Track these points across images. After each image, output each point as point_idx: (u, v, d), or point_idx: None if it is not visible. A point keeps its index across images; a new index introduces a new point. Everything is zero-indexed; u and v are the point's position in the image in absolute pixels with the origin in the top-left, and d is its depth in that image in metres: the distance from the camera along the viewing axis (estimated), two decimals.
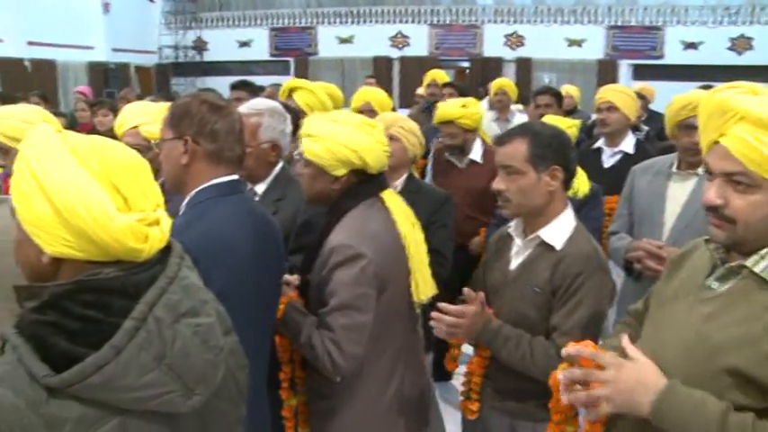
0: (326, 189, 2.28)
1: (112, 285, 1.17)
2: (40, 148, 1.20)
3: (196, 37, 20.41)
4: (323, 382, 2.29)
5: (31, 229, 1.18)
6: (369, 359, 2.23)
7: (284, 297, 2.25)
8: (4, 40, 15.34)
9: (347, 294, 2.12)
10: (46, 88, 12.73)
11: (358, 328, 2.13)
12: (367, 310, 2.15)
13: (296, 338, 2.22)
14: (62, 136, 1.24)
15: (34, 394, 1.08)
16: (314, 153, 2.23)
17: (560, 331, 2.13)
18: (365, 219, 2.24)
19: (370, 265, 2.13)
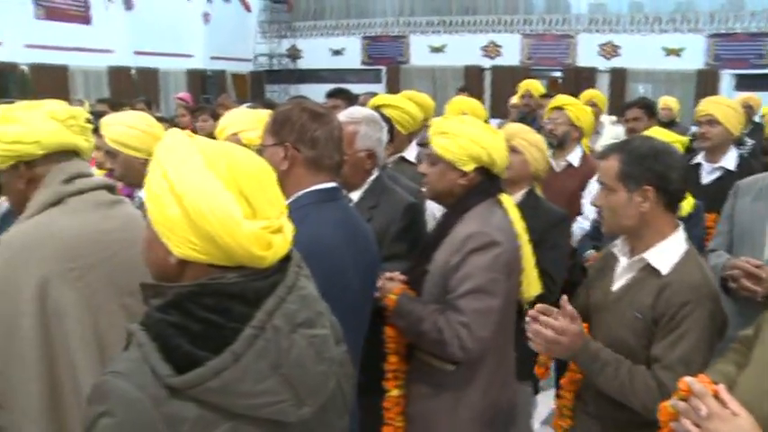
0: (453, 185, 2.40)
1: (233, 291, 1.20)
2: (174, 152, 1.24)
3: (290, 45, 20.87)
4: (433, 375, 2.38)
5: (160, 230, 1.23)
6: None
7: (395, 289, 2.36)
8: (114, 51, 16.15)
9: (482, 278, 2.23)
10: (149, 95, 13.28)
11: (489, 312, 2.22)
12: (498, 295, 2.26)
13: (415, 326, 2.31)
14: (195, 141, 1.28)
15: (156, 392, 1.12)
16: (445, 148, 2.37)
17: (662, 364, 2.00)
18: (491, 213, 2.38)
19: (504, 252, 2.27)
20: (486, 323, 2.22)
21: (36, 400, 1.81)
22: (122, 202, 2.07)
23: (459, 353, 2.23)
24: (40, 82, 14.40)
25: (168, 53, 17.48)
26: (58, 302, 1.80)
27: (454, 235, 2.32)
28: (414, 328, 2.32)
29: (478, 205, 2.38)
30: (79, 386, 1.82)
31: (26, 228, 1.87)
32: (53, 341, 1.81)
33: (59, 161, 1.93)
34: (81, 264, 1.84)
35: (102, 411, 1.13)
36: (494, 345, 2.34)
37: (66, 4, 15.50)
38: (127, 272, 1.90)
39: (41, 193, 1.91)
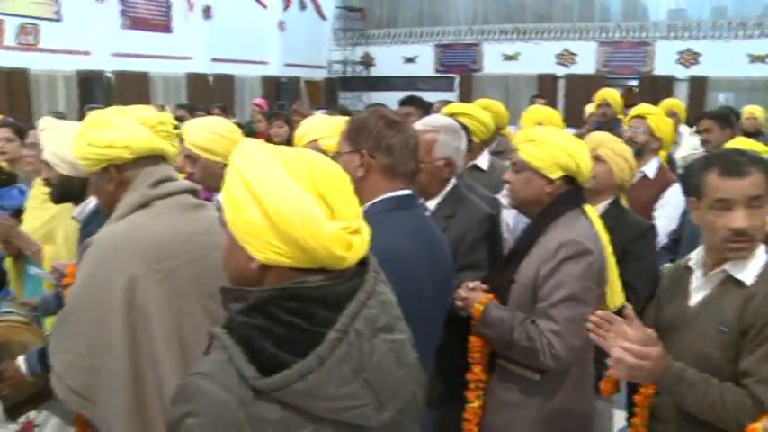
0: (539, 193, 2.40)
1: (315, 295, 1.21)
2: (252, 159, 1.26)
3: (364, 53, 21.04)
4: (518, 384, 2.37)
5: (241, 236, 1.24)
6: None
7: (482, 298, 2.36)
8: (193, 58, 16.62)
9: (576, 287, 2.22)
10: (225, 101, 13.61)
11: (581, 321, 2.14)
12: (590, 304, 2.23)
13: (504, 335, 2.30)
14: (271, 148, 1.30)
15: (242, 393, 1.14)
16: (533, 155, 2.38)
17: (755, 378, 1.90)
18: (578, 222, 2.37)
19: (596, 261, 2.27)
20: (578, 332, 2.17)
21: (122, 395, 1.87)
22: (205, 206, 2.12)
23: (550, 361, 2.22)
24: (123, 88, 14.94)
25: (244, 60, 17.87)
26: (143, 302, 1.86)
27: (544, 243, 2.32)
28: (503, 337, 2.31)
29: (565, 214, 2.37)
30: (161, 383, 1.88)
31: (115, 229, 1.94)
32: (138, 339, 1.88)
33: (147, 165, 2.00)
34: (166, 265, 1.90)
35: (187, 411, 1.15)
36: (579, 355, 2.33)
37: (150, 14, 16.05)
38: (209, 275, 1.95)
39: (130, 195, 1.98)
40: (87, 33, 14.37)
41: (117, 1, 15.17)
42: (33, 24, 13.61)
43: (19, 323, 2.52)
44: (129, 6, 15.55)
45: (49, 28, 13.84)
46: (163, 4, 16.41)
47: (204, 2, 17.02)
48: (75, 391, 1.90)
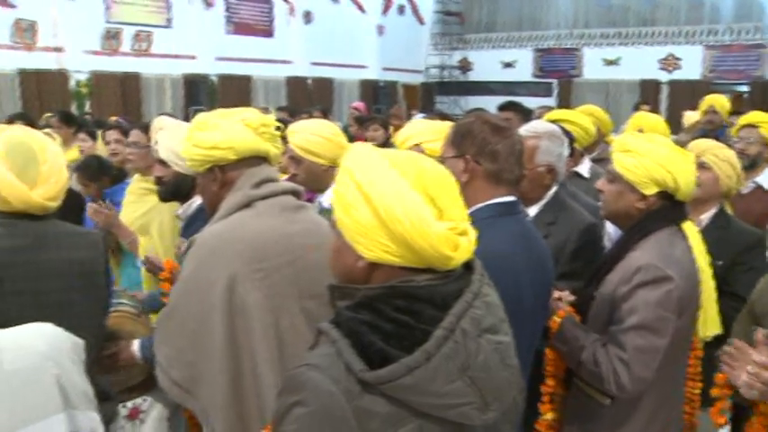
0: (630, 207, 2.24)
1: (422, 294, 1.22)
2: (363, 161, 1.29)
3: (461, 57, 21.00)
4: (589, 405, 2.24)
5: (351, 236, 1.27)
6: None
7: (560, 311, 2.26)
8: (293, 62, 17.03)
9: (649, 315, 2.07)
10: (323, 104, 13.83)
11: (652, 351, 2.06)
12: (664, 335, 2.08)
13: (574, 354, 2.19)
14: (381, 150, 1.32)
15: (350, 386, 1.16)
16: (627, 168, 2.21)
17: None
18: (670, 244, 2.19)
19: (676, 289, 2.08)
20: (647, 363, 2.06)
21: (222, 390, 1.92)
22: (306, 208, 2.15)
23: (614, 390, 2.09)
24: (226, 91, 15.48)
25: (343, 64, 18.15)
26: (243, 300, 1.90)
27: (627, 262, 2.18)
28: (573, 355, 2.20)
29: (657, 232, 2.20)
30: (259, 380, 1.92)
31: (218, 228, 1.99)
32: (238, 336, 1.92)
33: (250, 166, 2.04)
34: (266, 265, 1.93)
35: (295, 401, 1.18)
36: (656, 384, 2.17)
37: (253, 19, 16.56)
38: (308, 275, 1.98)
39: (233, 195, 2.02)
40: (194, 39, 15.01)
41: (223, 7, 15.74)
42: (147, 32, 14.34)
43: (129, 314, 2.62)
44: (234, 12, 16.09)
45: (160, 34, 14.58)
46: (266, 10, 16.89)
47: (305, 7, 17.41)
48: (176, 384, 1.97)
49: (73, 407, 1.29)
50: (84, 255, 2.09)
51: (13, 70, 12.58)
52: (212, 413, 1.94)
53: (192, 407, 2.00)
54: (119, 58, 14.01)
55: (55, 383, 1.27)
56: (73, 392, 1.30)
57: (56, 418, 1.26)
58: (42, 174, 1.98)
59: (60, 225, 2.10)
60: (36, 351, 1.28)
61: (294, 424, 1.19)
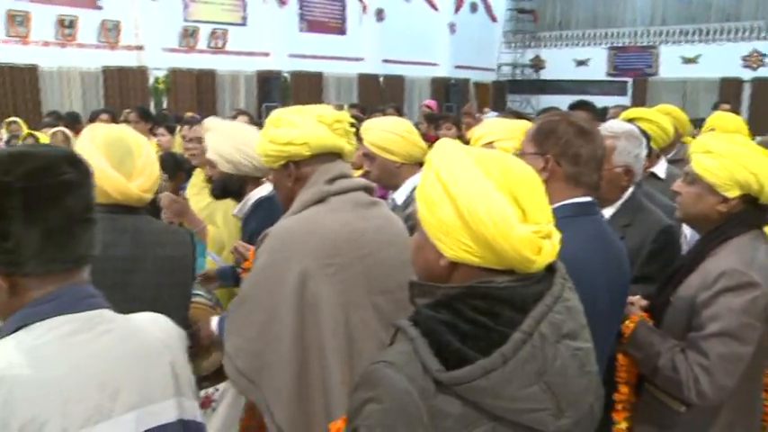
0: (710, 210, 2.16)
1: (502, 295, 1.21)
2: (448, 159, 1.28)
3: (534, 55, 20.74)
4: (662, 412, 2.18)
5: (433, 234, 1.27)
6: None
7: (633, 316, 2.20)
8: (365, 59, 17.12)
9: (733, 322, 2.00)
10: (395, 101, 13.88)
11: (735, 360, 2.00)
12: (749, 343, 2.01)
13: (650, 360, 2.14)
14: (467, 149, 1.32)
15: (425, 385, 1.16)
16: (708, 169, 2.13)
17: None
18: (753, 249, 2.11)
19: (763, 297, 2.01)
20: (730, 371, 1.99)
21: (288, 382, 1.94)
22: (379, 204, 2.15)
23: (694, 397, 2.03)
24: (298, 88, 15.71)
25: (414, 62, 18.16)
26: (315, 295, 1.92)
27: (707, 268, 2.10)
28: (649, 361, 2.14)
29: (739, 237, 2.12)
30: (326, 375, 1.94)
31: (292, 223, 2.02)
32: (307, 330, 1.94)
33: (324, 162, 2.06)
34: (338, 261, 1.94)
35: (370, 397, 1.19)
36: (736, 393, 2.09)
37: (326, 17, 16.74)
38: (379, 272, 2.00)
39: (307, 191, 2.04)
40: (268, 36, 15.30)
41: (297, 5, 15.96)
42: (222, 30, 14.71)
43: (204, 306, 2.68)
44: (307, 10, 16.30)
45: (235, 32, 14.92)
46: (338, 8, 17.05)
47: (377, 5, 17.48)
48: (242, 373, 2.00)
49: (182, 394, 1.34)
50: (175, 251, 2.16)
51: (98, 68, 13.12)
52: (275, 405, 1.96)
53: (254, 397, 2.03)
54: (195, 55, 14.42)
55: (170, 370, 1.32)
56: (182, 380, 1.35)
57: (169, 403, 1.30)
58: (138, 167, 2.05)
59: (154, 222, 2.19)
60: (155, 338, 1.33)
61: (367, 420, 1.19)
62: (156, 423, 1.27)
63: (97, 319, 1.25)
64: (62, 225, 1.21)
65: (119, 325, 1.29)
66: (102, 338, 1.24)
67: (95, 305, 1.27)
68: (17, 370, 1.13)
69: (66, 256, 1.23)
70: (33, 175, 1.18)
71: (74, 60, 12.82)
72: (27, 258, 1.18)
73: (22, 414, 1.11)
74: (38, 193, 1.18)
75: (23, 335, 1.18)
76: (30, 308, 1.20)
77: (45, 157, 1.22)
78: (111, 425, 1.20)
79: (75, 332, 1.21)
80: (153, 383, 1.29)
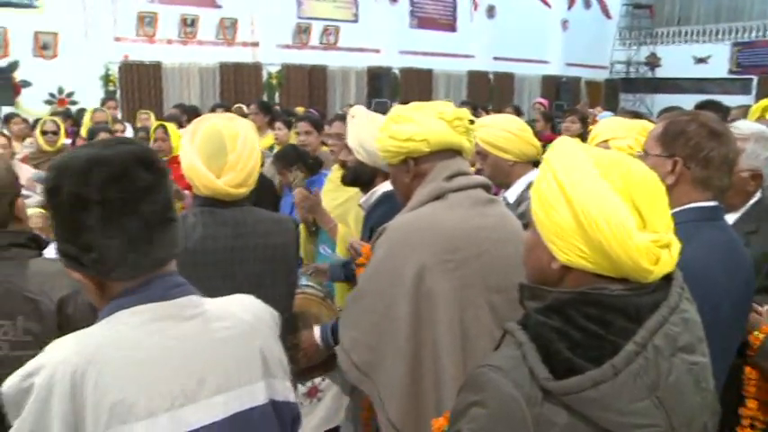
0: None
1: (615, 303, 1.17)
2: (567, 159, 1.25)
3: (649, 53, 20.00)
4: None
5: (547, 236, 1.24)
6: None
7: (765, 326, 2.10)
8: (475, 57, 17.03)
9: None
10: (504, 99, 13.74)
11: None
12: None
13: None
14: (588, 150, 1.28)
15: (532, 392, 1.14)
16: None
17: None
18: None
19: None
20: None
21: (400, 377, 1.96)
22: (496, 202, 2.15)
23: None
24: (408, 84, 15.79)
25: (525, 59, 17.89)
26: (431, 290, 1.93)
27: None
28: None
29: None
30: (439, 371, 1.94)
31: (410, 218, 2.04)
32: (422, 326, 1.95)
33: (443, 159, 2.07)
34: (456, 257, 1.95)
35: (475, 400, 1.18)
36: None
37: (437, 14, 16.74)
38: (495, 270, 1.99)
39: (425, 187, 2.06)
40: (379, 33, 15.45)
41: (407, 2, 16.05)
42: (334, 26, 14.99)
43: (314, 297, 2.75)
44: (418, 7, 16.35)
45: (346, 29, 15.16)
46: (449, 4, 17.01)
47: (488, 1, 17.33)
48: (356, 366, 2.03)
49: (272, 375, 1.35)
50: (278, 240, 2.22)
51: (215, 64, 13.64)
52: (387, 399, 1.98)
53: (367, 390, 2.05)
54: (308, 51, 14.75)
55: (258, 352, 1.33)
56: (271, 361, 1.36)
57: (258, 385, 1.32)
58: (229, 162, 2.09)
59: (257, 212, 2.24)
60: (243, 321, 1.34)
61: (471, 423, 1.18)
62: (245, 406, 1.29)
63: (185, 305, 1.27)
64: (141, 231, 1.21)
65: (206, 310, 1.30)
66: (188, 323, 1.26)
67: (183, 293, 1.28)
68: (106, 354, 1.16)
69: (149, 261, 1.24)
70: (109, 185, 1.18)
71: (193, 57, 13.38)
72: (112, 266, 1.21)
73: (112, 396, 1.14)
74: (115, 205, 1.18)
75: (113, 321, 1.22)
76: (119, 299, 1.23)
77: (120, 162, 1.20)
78: (198, 408, 1.22)
79: (162, 318, 1.24)
80: (241, 367, 1.30)
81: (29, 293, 1.85)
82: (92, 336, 1.20)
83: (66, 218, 1.20)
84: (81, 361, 1.14)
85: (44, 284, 1.87)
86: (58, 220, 1.22)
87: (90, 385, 1.13)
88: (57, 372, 1.13)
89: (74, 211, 1.18)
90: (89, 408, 1.13)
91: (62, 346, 1.19)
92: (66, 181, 1.18)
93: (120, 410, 1.14)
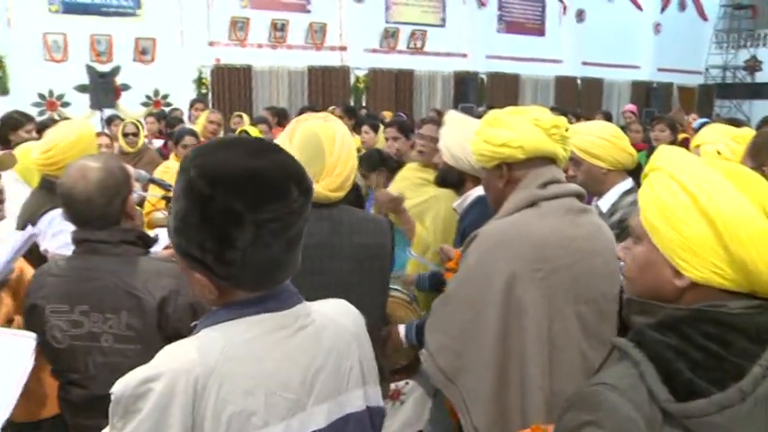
0: None
1: (736, 323, 1.11)
2: (693, 170, 1.18)
3: (749, 56, 19.16)
4: None
5: (673, 252, 1.17)
6: None
7: None
8: (563, 61, 16.76)
9: None
10: (592, 105, 13.47)
11: None
12: None
13: None
14: (705, 160, 1.23)
15: (652, 414, 1.09)
16: None
17: None
18: None
19: None
20: None
21: (487, 384, 1.95)
22: (590, 211, 2.11)
23: None
24: (494, 89, 15.70)
25: (614, 64, 17.48)
26: (521, 299, 1.92)
27: None
28: None
29: None
30: (525, 380, 1.92)
31: (502, 225, 2.02)
32: (510, 334, 1.94)
33: (537, 166, 2.04)
34: (547, 266, 1.93)
35: (589, 420, 1.13)
36: None
37: (525, 18, 16.58)
38: (586, 280, 1.96)
39: (518, 194, 2.04)
40: (466, 37, 15.45)
41: (495, 6, 15.97)
42: (422, 31, 15.07)
43: (402, 300, 2.77)
44: (506, 11, 16.24)
45: (434, 33, 15.22)
46: (538, 8, 16.82)
47: (578, 5, 17.03)
48: (442, 371, 2.03)
49: (367, 382, 1.37)
50: (372, 240, 2.23)
51: (304, 67, 13.90)
52: (473, 405, 1.97)
53: (452, 395, 2.04)
54: (395, 55, 14.87)
55: (357, 361, 1.35)
56: (367, 369, 1.37)
57: (357, 393, 1.34)
58: (327, 166, 2.11)
59: (353, 211, 2.26)
60: (345, 329, 1.35)
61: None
62: (344, 412, 1.30)
63: (296, 315, 1.27)
64: (282, 253, 1.20)
65: (314, 319, 1.30)
66: (300, 334, 1.26)
67: (294, 301, 1.29)
68: (228, 366, 1.16)
69: (278, 279, 1.25)
70: (265, 205, 1.14)
71: (283, 60, 13.68)
72: (243, 281, 1.20)
73: (232, 407, 1.14)
74: (268, 228, 1.15)
75: (233, 330, 1.20)
76: (237, 307, 1.23)
77: (275, 179, 1.17)
78: (306, 416, 1.23)
79: (278, 328, 1.23)
80: (343, 375, 1.31)
81: (133, 290, 1.94)
82: (213, 344, 1.18)
83: (214, 229, 1.15)
84: (203, 372, 1.14)
85: (148, 282, 1.95)
86: (200, 229, 1.16)
87: (212, 397, 1.14)
88: (179, 381, 1.13)
89: (225, 227, 1.14)
90: (209, 419, 1.14)
91: (182, 352, 1.18)
92: (220, 193, 1.13)
93: (238, 421, 1.15)
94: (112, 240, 2.00)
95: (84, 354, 1.99)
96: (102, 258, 2.00)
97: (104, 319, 1.96)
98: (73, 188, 1.99)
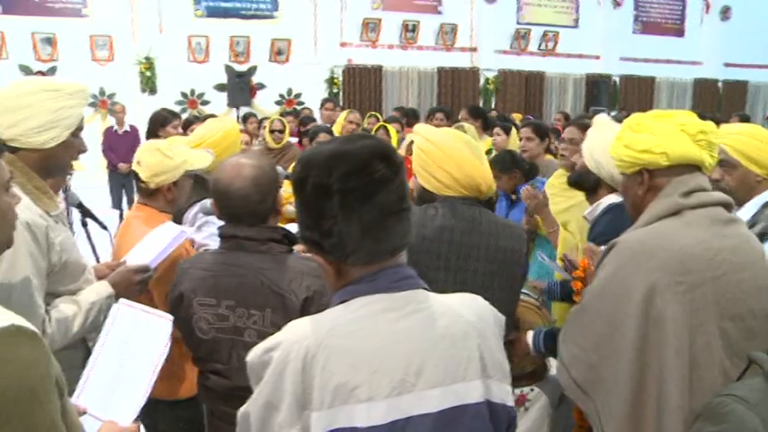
0: None
1: None
2: None
3: None
4: None
5: None
6: None
7: None
8: (703, 63, 15.99)
9: None
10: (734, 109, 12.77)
11: None
12: None
13: None
14: None
15: None
16: None
17: None
18: None
19: None
20: None
21: (622, 399, 1.88)
22: (738, 222, 1.99)
23: None
24: (628, 92, 15.23)
25: (762, 65, 16.45)
26: (661, 312, 1.83)
27: None
28: None
29: None
30: (663, 397, 1.83)
31: (642, 235, 1.94)
32: (649, 349, 1.85)
33: (681, 173, 1.94)
34: (689, 279, 1.83)
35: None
36: None
37: (663, 18, 15.95)
38: (732, 295, 1.85)
39: (660, 201, 1.95)
40: (599, 38, 15.06)
41: (632, 6, 15.47)
42: (554, 32, 14.84)
43: (531, 305, 2.74)
44: (643, 11, 15.69)
45: (566, 34, 14.96)
46: (677, 8, 16.14)
47: (723, 2, 16.17)
48: (576, 383, 1.98)
49: (489, 376, 1.35)
50: (508, 244, 2.24)
51: (434, 68, 14.02)
52: (606, 420, 1.91)
53: (585, 408, 2.00)
54: (525, 57, 14.72)
55: (477, 351, 1.35)
56: (490, 363, 1.36)
57: (474, 384, 1.33)
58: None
59: (490, 213, 2.28)
60: (464, 319, 1.37)
61: None
62: (459, 402, 1.31)
63: (410, 299, 1.34)
64: (376, 220, 1.29)
65: (430, 305, 1.36)
66: (411, 317, 1.32)
67: (411, 285, 1.36)
68: (335, 340, 1.27)
69: (383, 249, 1.33)
70: (349, 176, 1.28)
71: (413, 61, 13.86)
72: (349, 252, 1.31)
73: (337, 378, 1.24)
74: (353, 194, 1.28)
75: (342, 309, 1.32)
76: (352, 286, 1.34)
77: (359, 155, 1.31)
78: (414, 398, 1.27)
79: (388, 310, 1.31)
80: (458, 364, 1.32)
81: (279, 289, 2.01)
82: (325, 320, 1.32)
83: (311, 206, 1.31)
84: (313, 344, 1.26)
85: (293, 282, 2.01)
86: (303, 209, 1.34)
87: (318, 367, 1.25)
88: (292, 350, 1.27)
89: (318, 200, 1.29)
90: (316, 387, 1.24)
91: (299, 326, 1.33)
92: (312, 172, 1.30)
93: (343, 392, 1.24)
94: (260, 238, 2.08)
95: (228, 346, 2.08)
96: (248, 255, 2.07)
97: (249, 314, 2.04)
98: (230, 185, 2.06)
